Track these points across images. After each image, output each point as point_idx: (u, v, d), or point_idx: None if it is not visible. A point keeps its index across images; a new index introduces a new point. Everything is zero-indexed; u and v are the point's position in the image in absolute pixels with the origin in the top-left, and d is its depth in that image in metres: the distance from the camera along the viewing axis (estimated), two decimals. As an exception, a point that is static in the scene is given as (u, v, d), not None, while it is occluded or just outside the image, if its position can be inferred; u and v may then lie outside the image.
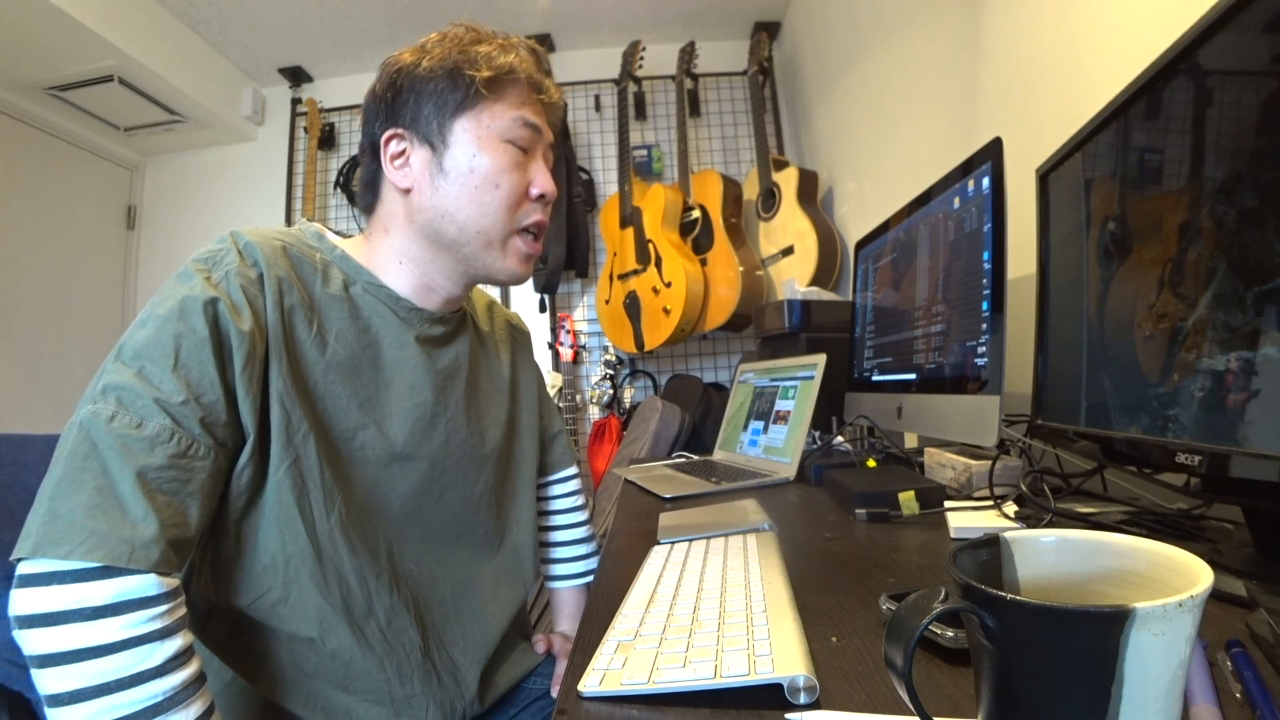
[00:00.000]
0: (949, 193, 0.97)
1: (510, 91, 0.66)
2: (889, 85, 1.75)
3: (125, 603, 0.46)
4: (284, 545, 0.57)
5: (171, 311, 0.53)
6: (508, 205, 0.66)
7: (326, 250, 0.66)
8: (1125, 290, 0.62)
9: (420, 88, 0.65)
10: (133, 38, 2.13)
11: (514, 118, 0.66)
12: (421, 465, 0.66)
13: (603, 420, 2.49)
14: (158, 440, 0.49)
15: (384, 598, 0.61)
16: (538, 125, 0.68)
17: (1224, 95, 0.51)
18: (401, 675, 0.61)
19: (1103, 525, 0.65)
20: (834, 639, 0.44)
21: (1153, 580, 0.27)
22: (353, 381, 0.62)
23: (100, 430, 0.48)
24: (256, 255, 0.59)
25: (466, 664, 0.67)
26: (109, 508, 0.46)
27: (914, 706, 0.26)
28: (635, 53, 2.51)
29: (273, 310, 0.58)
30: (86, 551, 0.45)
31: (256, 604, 0.57)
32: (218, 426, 0.53)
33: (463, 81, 0.64)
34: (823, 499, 0.93)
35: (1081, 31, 0.97)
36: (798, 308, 1.54)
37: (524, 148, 0.67)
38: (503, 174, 0.65)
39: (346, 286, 0.65)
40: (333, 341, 0.62)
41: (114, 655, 0.45)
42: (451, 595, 0.68)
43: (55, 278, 2.44)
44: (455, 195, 0.65)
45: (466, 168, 0.65)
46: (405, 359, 0.67)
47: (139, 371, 0.50)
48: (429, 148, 0.65)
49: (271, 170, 2.78)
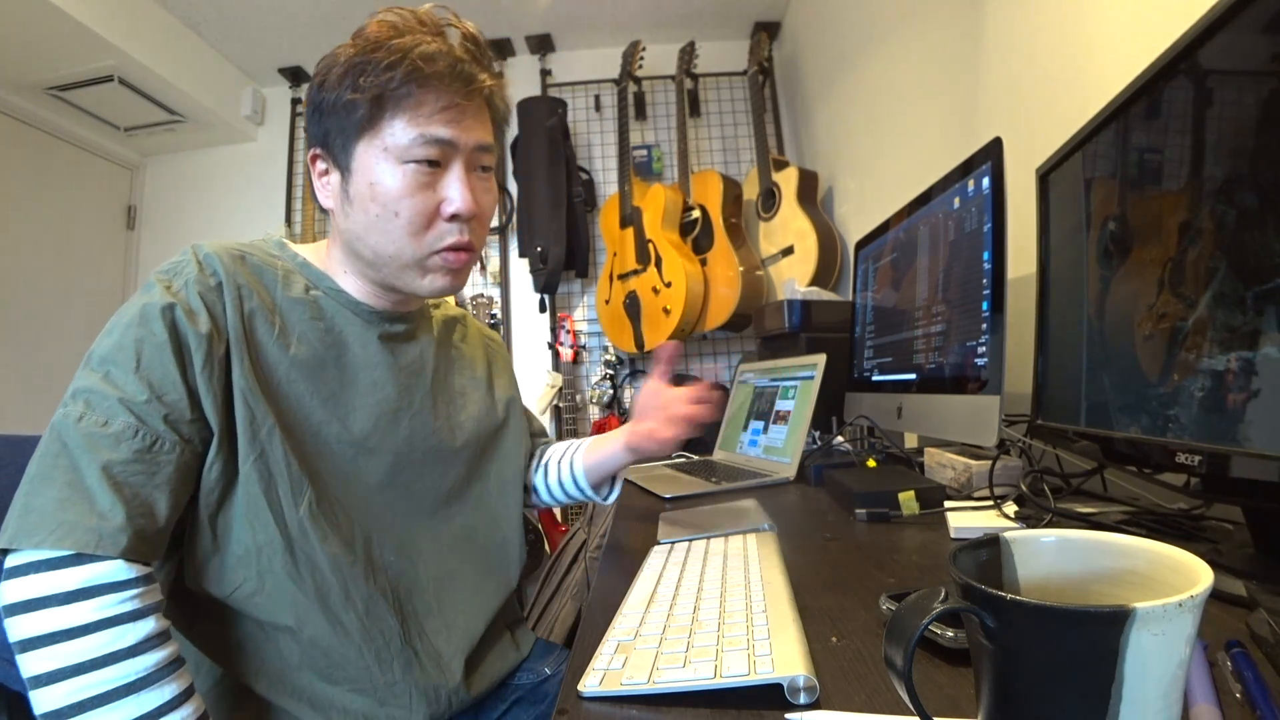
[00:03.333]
0: (949, 193, 0.97)
1: (408, 103, 0.60)
2: (889, 85, 1.75)
3: (96, 587, 0.49)
4: (254, 535, 0.59)
5: (133, 319, 0.56)
6: (411, 231, 0.62)
7: (288, 258, 0.69)
8: (1125, 290, 0.62)
9: (325, 107, 0.62)
10: (133, 38, 2.14)
11: (414, 136, 0.60)
12: (386, 458, 0.68)
13: (603, 420, 2.48)
14: (122, 437, 0.52)
15: (360, 586, 0.63)
16: (446, 138, 0.61)
17: (1224, 95, 0.51)
18: (381, 662, 0.63)
19: (1103, 525, 0.65)
20: (834, 639, 0.44)
21: (1153, 580, 0.27)
22: (316, 379, 0.64)
23: (70, 429, 0.52)
24: (215, 265, 0.61)
25: (451, 652, 0.67)
26: (77, 500, 0.50)
27: (914, 706, 0.26)
28: (635, 53, 2.51)
29: (233, 315, 0.60)
30: (56, 540, 0.48)
31: (234, 595, 0.59)
32: (182, 423, 0.56)
33: (358, 101, 0.59)
34: (823, 499, 0.93)
35: (1081, 31, 0.97)
36: (798, 308, 1.54)
37: (434, 162, 0.62)
38: (401, 200, 0.61)
39: (308, 290, 0.67)
40: (295, 341, 0.64)
41: (88, 636, 0.48)
42: (433, 585, 0.69)
43: (55, 278, 2.44)
44: (361, 222, 0.63)
45: (367, 195, 0.61)
46: (369, 356, 0.69)
47: (105, 375, 0.54)
48: (338, 172, 0.64)
49: (271, 170, 2.78)
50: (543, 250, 2.38)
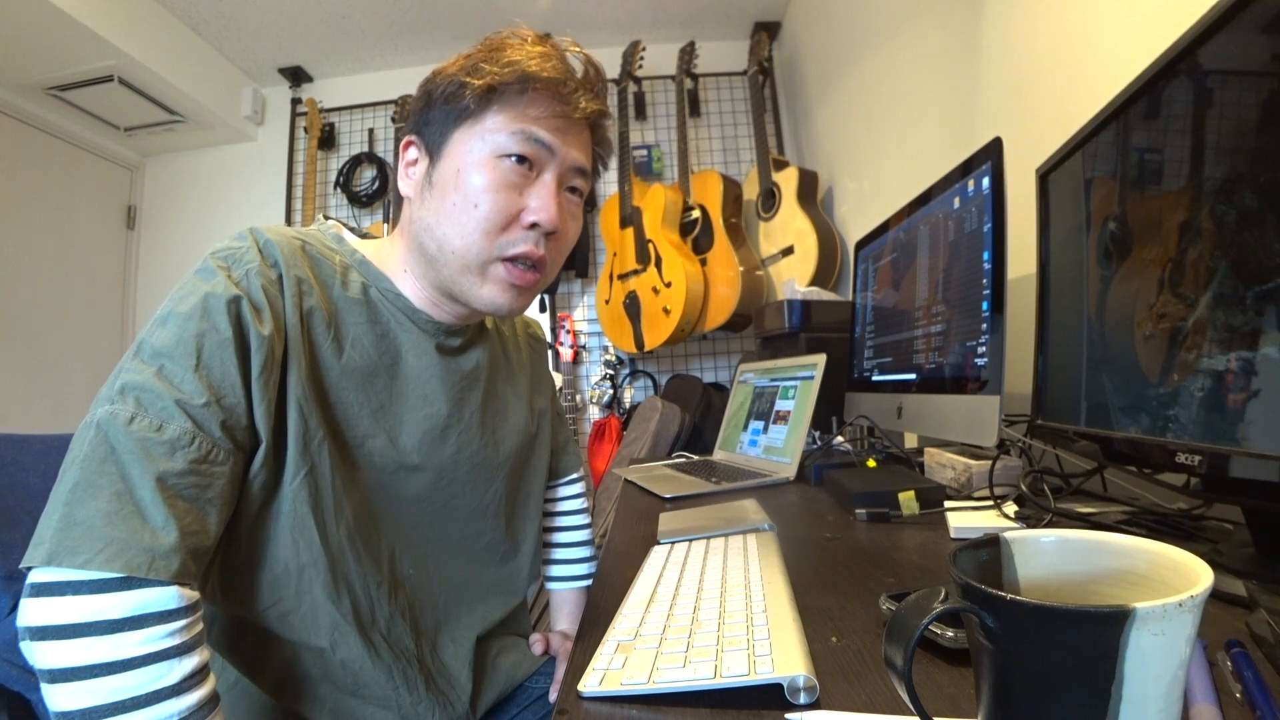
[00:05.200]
0: (949, 193, 0.97)
1: (517, 102, 0.59)
2: (889, 85, 1.75)
3: (145, 616, 0.44)
4: (298, 555, 0.56)
5: (194, 309, 0.51)
6: (485, 229, 0.59)
7: (346, 254, 0.64)
8: (1125, 290, 0.62)
9: (435, 95, 0.61)
10: (133, 38, 2.13)
11: (515, 131, 0.59)
12: (428, 475, 0.65)
13: (603, 420, 2.48)
14: (179, 444, 0.47)
15: (384, 605, 0.61)
16: (546, 141, 0.59)
17: (1224, 95, 0.51)
18: (408, 683, 0.61)
19: (1103, 525, 0.65)
20: (834, 639, 0.44)
21: (1153, 580, 0.27)
22: (366, 389, 0.61)
23: (119, 432, 0.46)
24: (276, 254, 0.57)
25: (458, 666, 0.66)
26: (128, 514, 0.44)
27: (914, 706, 0.26)
28: (635, 53, 2.51)
29: (292, 312, 0.56)
30: (106, 561, 0.43)
31: (268, 612, 0.56)
32: (238, 430, 0.51)
33: (465, 90, 0.59)
34: (823, 499, 0.93)
35: (1081, 31, 0.97)
36: (798, 308, 1.54)
37: (528, 164, 0.60)
38: (484, 193, 0.58)
39: (365, 290, 0.63)
40: (349, 347, 0.60)
41: (130, 672, 0.43)
42: (444, 600, 0.67)
43: (55, 278, 2.44)
44: (435, 210, 0.60)
45: (450, 182, 0.59)
46: (423, 368, 0.65)
47: (159, 371, 0.48)
48: (429, 158, 0.62)
49: (271, 170, 2.77)
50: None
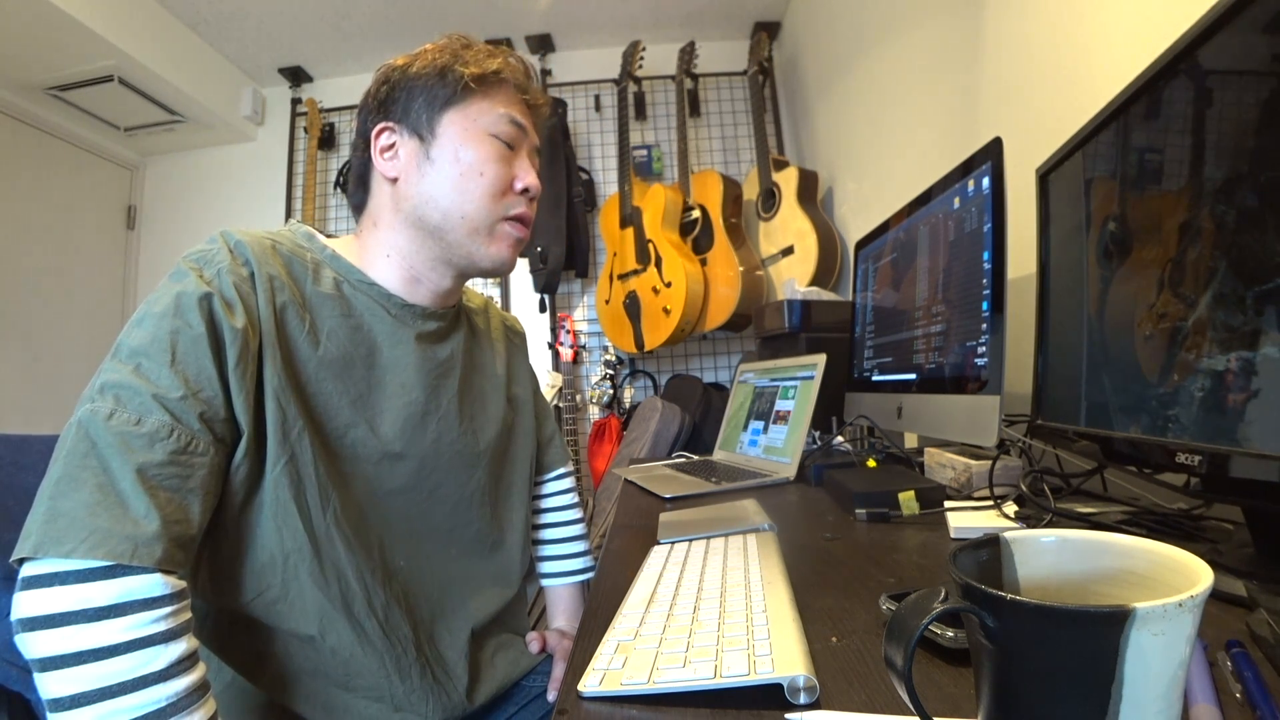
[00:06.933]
0: (949, 193, 0.97)
1: (497, 91, 0.70)
2: (889, 85, 1.75)
3: (130, 603, 0.45)
4: (282, 542, 0.57)
5: (167, 308, 0.53)
6: (491, 193, 0.68)
7: (317, 250, 0.67)
8: (1125, 290, 0.62)
9: (411, 84, 0.68)
10: (133, 38, 2.13)
11: (500, 114, 0.69)
12: (412, 463, 0.67)
13: (603, 420, 2.48)
14: (157, 436, 0.49)
15: (379, 593, 0.62)
16: (523, 125, 0.71)
17: (1224, 95, 0.51)
18: (401, 671, 0.62)
19: (1103, 525, 0.65)
20: (834, 639, 0.44)
21: (1153, 580, 0.27)
22: (344, 379, 0.63)
23: (99, 428, 0.48)
24: (247, 254, 0.59)
25: (454, 658, 0.67)
26: (110, 505, 0.46)
27: (914, 706, 0.26)
28: (635, 53, 2.51)
29: (265, 307, 0.58)
30: (89, 549, 0.44)
31: (255, 602, 0.58)
32: (216, 422, 0.53)
33: (452, 77, 0.67)
34: (823, 499, 0.93)
35: (1081, 31, 0.97)
36: (798, 308, 1.54)
37: (509, 144, 0.70)
38: (487, 164, 0.67)
39: (338, 284, 0.66)
40: (324, 339, 0.62)
41: (117, 658, 0.44)
42: (438, 592, 0.68)
43: (55, 278, 2.44)
44: (439, 181, 0.67)
45: (452, 157, 0.67)
46: (399, 356, 0.67)
47: (136, 368, 0.51)
48: (417, 139, 0.68)
49: (271, 170, 2.78)
50: (543, 250, 2.38)
